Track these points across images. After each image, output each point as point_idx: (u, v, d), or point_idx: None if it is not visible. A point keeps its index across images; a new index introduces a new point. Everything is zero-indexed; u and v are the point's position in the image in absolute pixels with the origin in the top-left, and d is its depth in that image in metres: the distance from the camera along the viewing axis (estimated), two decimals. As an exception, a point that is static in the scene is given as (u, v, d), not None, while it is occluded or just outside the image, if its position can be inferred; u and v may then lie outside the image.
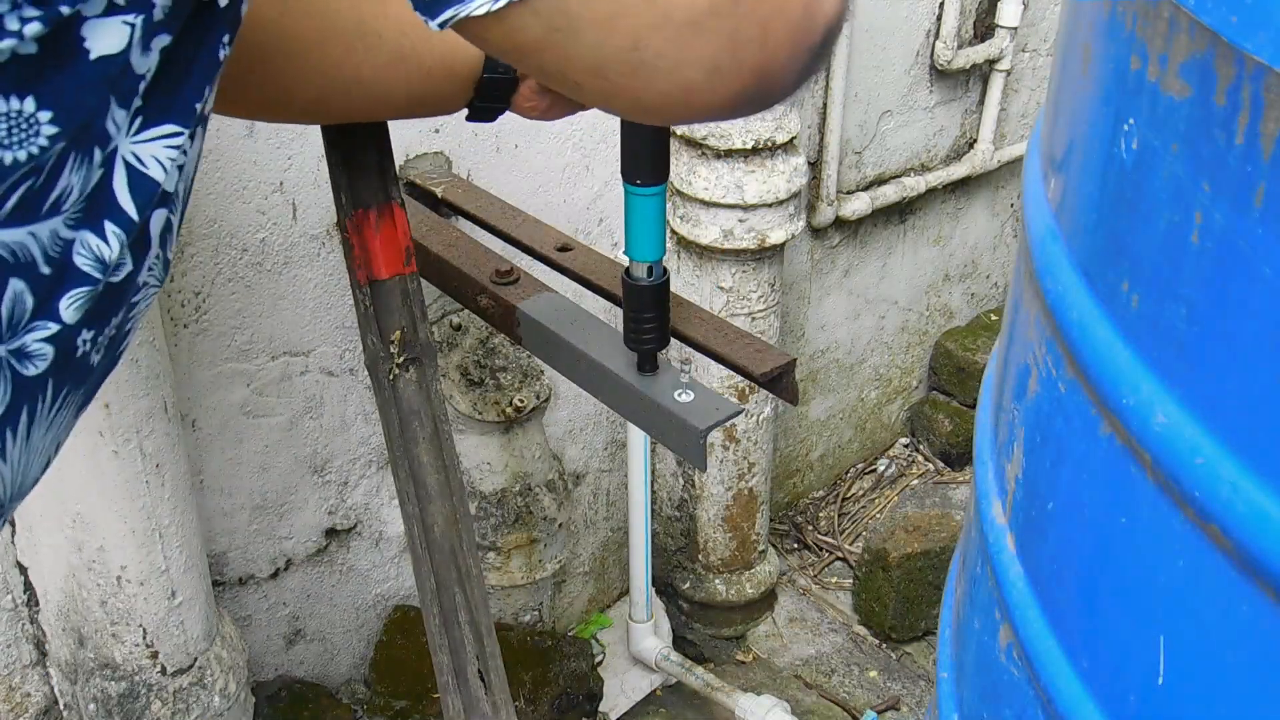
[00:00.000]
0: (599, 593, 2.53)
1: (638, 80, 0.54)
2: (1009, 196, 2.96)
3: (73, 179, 0.52)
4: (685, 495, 2.46)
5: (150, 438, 1.42)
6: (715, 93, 0.55)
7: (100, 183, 0.54)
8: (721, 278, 2.13)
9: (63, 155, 0.51)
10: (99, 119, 0.52)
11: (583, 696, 2.15)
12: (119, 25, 0.50)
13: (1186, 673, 0.74)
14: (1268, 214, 0.60)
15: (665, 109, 0.56)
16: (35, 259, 0.53)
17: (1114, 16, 0.73)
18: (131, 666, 1.55)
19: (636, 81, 0.54)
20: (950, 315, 3.05)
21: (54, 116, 0.49)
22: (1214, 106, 0.62)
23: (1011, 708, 0.97)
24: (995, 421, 1.04)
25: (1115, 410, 0.74)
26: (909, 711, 2.46)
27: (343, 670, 2.10)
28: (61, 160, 0.51)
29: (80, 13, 0.48)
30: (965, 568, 1.14)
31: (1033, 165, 0.95)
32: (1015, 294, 0.99)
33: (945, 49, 2.47)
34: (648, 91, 0.54)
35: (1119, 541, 0.78)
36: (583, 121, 1.95)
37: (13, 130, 0.48)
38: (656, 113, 0.57)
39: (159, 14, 0.52)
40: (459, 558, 1.46)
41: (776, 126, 1.98)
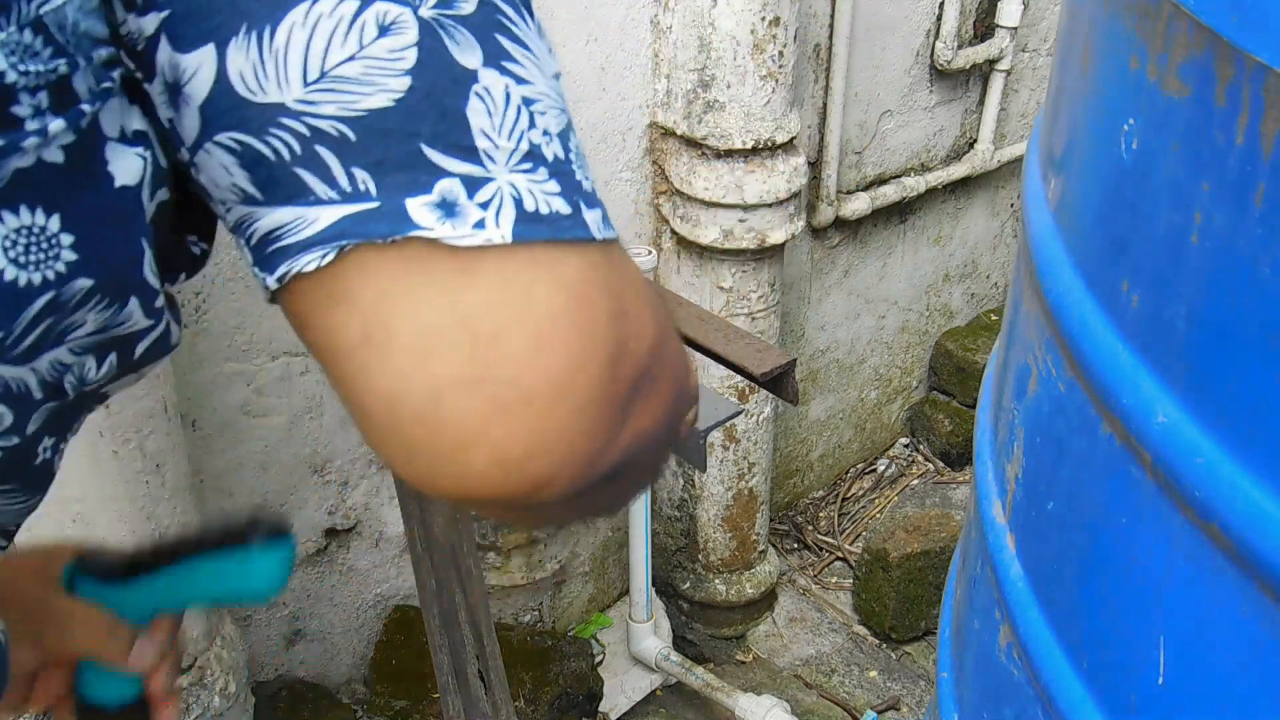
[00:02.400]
0: (599, 593, 2.53)
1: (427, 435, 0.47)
2: (1009, 196, 2.96)
3: (89, 316, 0.50)
4: (685, 495, 2.46)
5: (150, 438, 1.42)
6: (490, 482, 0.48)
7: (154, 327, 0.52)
8: (721, 278, 2.13)
9: (88, 294, 0.49)
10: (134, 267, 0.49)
11: (583, 696, 2.15)
12: (134, 155, 0.48)
13: (1186, 672, 0.74)
14: (1268, 214, 0.60)
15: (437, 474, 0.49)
16: (30, 389, 0.51)
17: (1114, 16, 0.73)
18: (131, 666, 1.55)
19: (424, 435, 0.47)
20: (950, 315, 3.05)
21: (75, 242, 0.47)
22: (1214, 106, 0.62)
23: (1011, 708, 0.97)
24: (995, 421, 1.04)
25: (1115, 410, 0.74)
26: (909, 711, 2.46)
27: (343, 670, 2.10)
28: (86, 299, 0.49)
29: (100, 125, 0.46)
30: (965, 568, 1.14)
31: (1033, 165, 0.95)
32: (1015, 294, 0.99)
33: (945, 49, 2.47)
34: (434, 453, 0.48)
35: (1119, 541, 0.78)
36: (582, 121, 1.95)
37: (30, 249, 0.46)
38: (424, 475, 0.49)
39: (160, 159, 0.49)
40: (459, 558, 1.46)
41: (776, 126, 1.98)
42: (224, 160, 0.46)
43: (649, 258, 1.98)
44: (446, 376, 0.46)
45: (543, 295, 0.47)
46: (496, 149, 0.47)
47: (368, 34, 0.44)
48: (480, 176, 0.46)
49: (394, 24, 0.44)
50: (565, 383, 0.47)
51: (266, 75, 0.44)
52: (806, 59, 2.25)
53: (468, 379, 0.46)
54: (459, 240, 0.46)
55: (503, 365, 0.46)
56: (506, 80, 0.47)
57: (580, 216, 0.48)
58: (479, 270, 0.46)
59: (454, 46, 0.46)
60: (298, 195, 0.46)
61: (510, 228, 0.46)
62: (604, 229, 0.50)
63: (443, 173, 0.46)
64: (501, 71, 0.47)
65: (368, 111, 0.45)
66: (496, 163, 0.47)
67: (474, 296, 0.46)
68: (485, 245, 0.46)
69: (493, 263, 0.46)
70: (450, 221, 0.46)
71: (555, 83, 0.50)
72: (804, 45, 2.22)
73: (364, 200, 0.45)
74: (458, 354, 0.46)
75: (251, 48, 0.44)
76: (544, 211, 0.47)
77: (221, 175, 0.47)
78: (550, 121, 0.49)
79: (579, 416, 0.48)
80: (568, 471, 0.49)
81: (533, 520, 0.56)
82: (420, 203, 0.46)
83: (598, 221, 0.49)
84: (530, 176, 0.47)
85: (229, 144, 0.46)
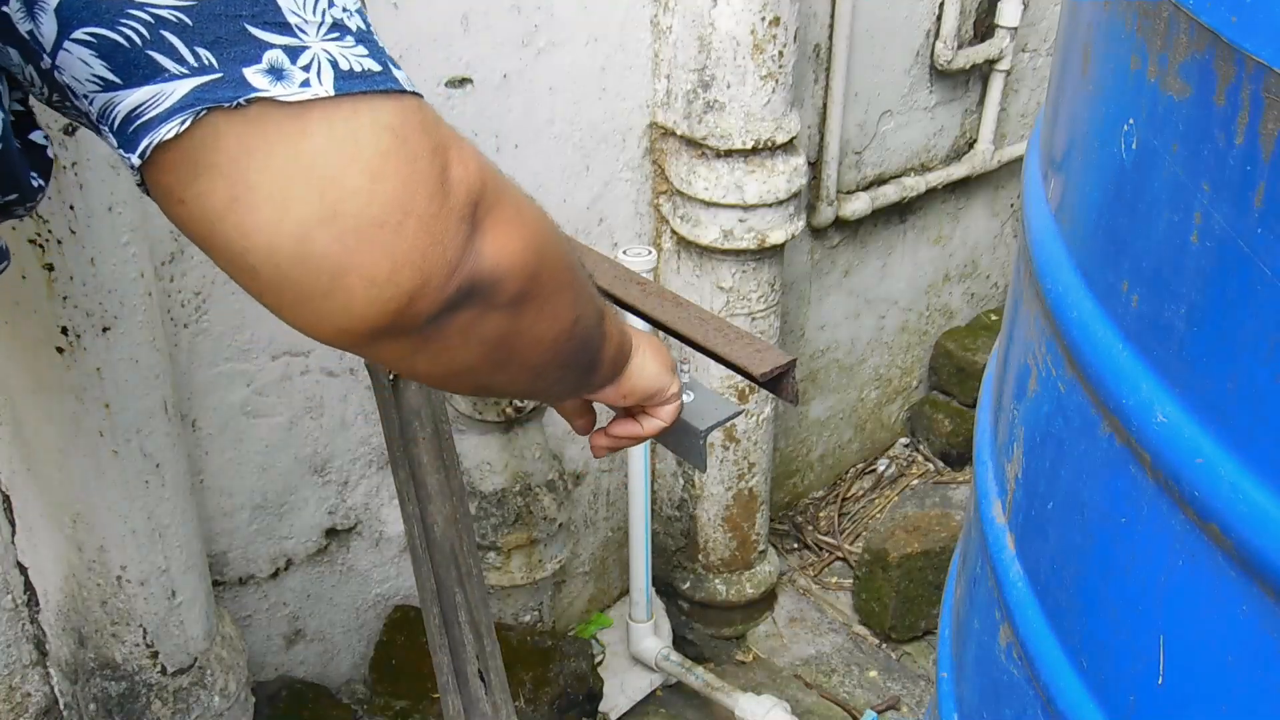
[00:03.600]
0: (599, 593, 2.53)
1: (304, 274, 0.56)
2: (1009, 196, 2.96)
3: None
4: (685, 495, 2.46)
5: (150, 438, 1.42)
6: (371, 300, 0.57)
7: None
8: (721, 278, 2.13)
9: None
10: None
11: (583, 696, 2.15)
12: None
13: (1186, 673, 0.74)
14: (1268, 214, 0.60)
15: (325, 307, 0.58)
16: None
17: (1114, 16, 0.73)
18: (132, 666, 1.55)
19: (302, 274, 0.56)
20: (950, 315, 3.05)
21: None
22: (1214, 106, 0.62)
23: (1011, 708, 0.97)
24: (995, 421, 1.04)
25: (1115, 410, 0.74)
26: (909, 711, 2.46)
27: (343, 670, 2.10)
28: None
29: None
30: (965, 568, 1.14)
31: (1033, 165, 0.95)
32: (1015, 294, 0.99)
33: (945, 49, 2.47)
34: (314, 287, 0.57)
35: (1119, 541, 0.78)
36: (583, 121, 1.95)
37: None
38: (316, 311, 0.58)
39: None
40: (459, 558, 1.46)
41: (776, 126, 1.98)
42: (82, 55, 0.54)
43: (649, 258, 1.98)
44: (307, 218, 0.55)
45: (368, 136, 0.56)
46: (306, 23, 0.56)
47: None
48: (298, 46, 0.56)
49: None
50: (406, 203, 0.57)
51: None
52: (806, 59, 2.25)
53: (324, 216, 0.55)
54: (290, 97, 0.55)
55: (349, 199, 0.56)
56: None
57: (390, 73, 0.58)
58: (310, 120, 0.55)
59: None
60: (153, 74, 0.54)
61: (331, 83, 0.56)
62: (409, 84, 0.59)
63: (267, 45, 0.55)
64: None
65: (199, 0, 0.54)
66: (309, 34, 0.56)
67: (311, 143, 0.55)
68: (313, 99, 0.55)
69: (320, 113, 0.56)
70: (280, 83, 0.55)
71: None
72: (804, 45, 2.22)
73: (209, 72, 0.54)
74: (311, 196, 0.55)
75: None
76: (357, 69, 0.57)
77: (81, 69, 0.55)
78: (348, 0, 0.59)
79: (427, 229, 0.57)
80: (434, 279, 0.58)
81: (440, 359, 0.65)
82: (254, 70, 0.55)
83: (406, 78, 0.59)
84: (340, 44, 0.57)
85: (85, 38, 0.54)
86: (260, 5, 0.55)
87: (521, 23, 1.79)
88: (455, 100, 1.76)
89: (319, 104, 0.56)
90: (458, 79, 1.75)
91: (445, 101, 1.75)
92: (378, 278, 0.57)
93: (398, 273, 0.57)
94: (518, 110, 1.85)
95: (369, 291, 0.57)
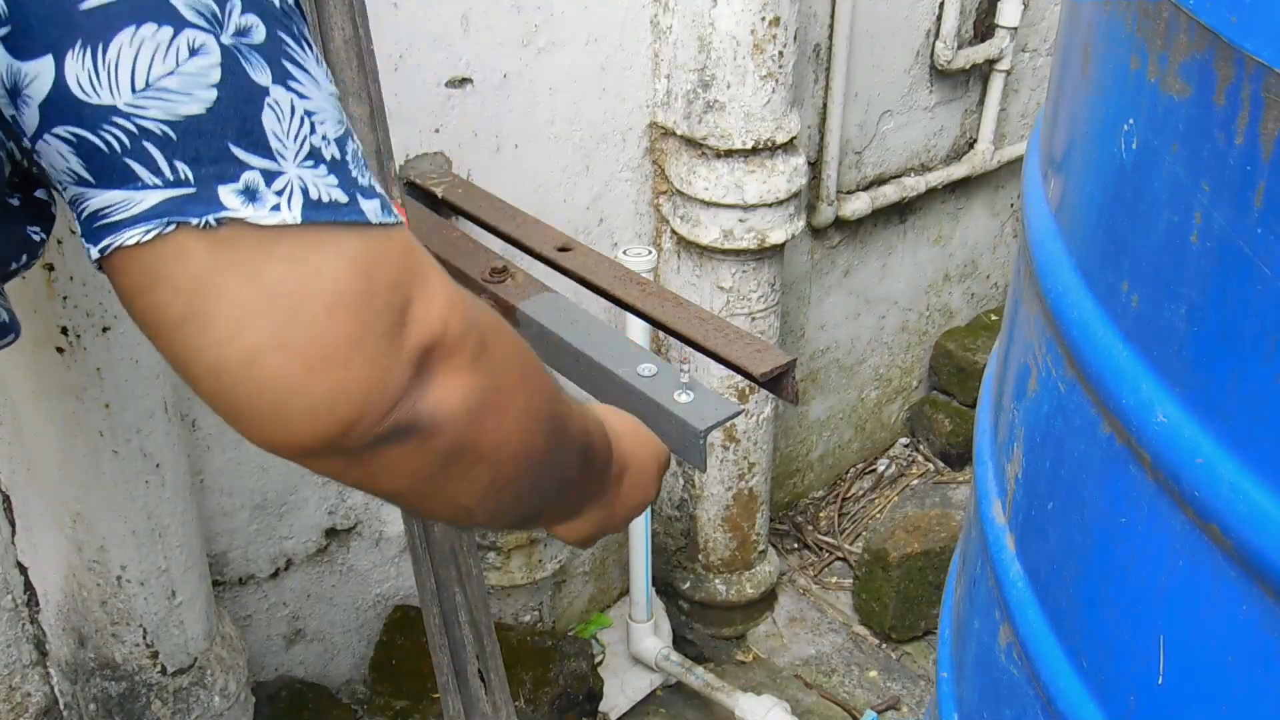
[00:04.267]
0: (599, 593, 2.53)
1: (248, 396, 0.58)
2: (1009, 196, 2.96)
3: None
4: (685, 495, 2.46)
5: (150, 438, 1.42)
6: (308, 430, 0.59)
7: None
8: (721, 278, 2.13)
9: None
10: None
11: (583, 696, 2.15)
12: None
13: (1186, 672, 0.74)
14: (1268, 214, 0.60)
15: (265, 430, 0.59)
16: None
17: (1114, 16, 0.73)
18: (132, 666, 1.55)
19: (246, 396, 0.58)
20: (950, 315, 3.05)
21: None
22: (1214, 106, 0.62)
23: (1011, 708, 0.97)
24: (995, 421, 1.04)
25: (1115, 410, 0.74)
26: (909, 711, 2.46)
27: (343, 670, 2.10)
28: None
29: None
30: (965, 568, 1.14)
31: (1033, 165, 0.95)
32: (1015, 294, 0.99)
33: (945, 49, 2.47)
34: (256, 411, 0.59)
35: (1119, 541, 0.78)
36: (583, 122, 1.95)
37: None
38: (258, 433, 0.60)
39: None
40: (459, 558, 1.46)
41: (776, 126, 1.98)
42: (61, 149, 0.56)
43: (649, 258, 1.97)
44: (259, 344, 0.56)
45: (330, 269, 0.57)
46: (286, 149, 0.57)
47: (181, 55, 0.54)
48: (275, 170, 0.57)
49: (201, 48, 0.55)
50: (357, 339, 0.58)
51: (100, 83, 0.54)
52: (806, 59, 2.25)
53: (275, 344, 0.56)
54: (260, 220, 0.56)
55: (303, 330, 0.57)
56: (291, 96, 0.58)
57: (356, 205, 0.59)
58: (276, 247, 0.56)
59: (249, 67, 0.56)
60: (127, 180, 0.55)
61: (300, 211, 0.57)
62: (381, 215, 0.60)
63: (246, 166, 0.56)
64: (287, 88, 0.58)
65: (185, 116, 0.55)
66: (287, 159, 0.57)
67: (274, 270, 0.56)
68: (280, 225, 0.56)
69: (287, 242, 0.57)
70: (252, 205, 0.56)
71: (332, 99, 0.61)
72: (804, 45, 2.22)
73: (183, 186, 0.55)
74: (265, 323, 0.56)
75: (86, 59, 0.54)
76: (325, 200, 0.58)
77: (58, 160, 0.56)
78: (329, 129, 0.60)
79: (372, 366, 0.59)
80: (369, 414, 0.59)
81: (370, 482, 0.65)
82: (229, 189, 0.56)
83: (375, 209, 0.60)
84: (314, 172, 0.58)
85: (66, 136, 0.55)
86: (246, 126, 0.56)
87: (521, 23, 1.79)
88: (455, 100, 1.76)
89: (287, 231, 0.57)
90: (458, 79, 1.75)
91: (445, 102, 1.75)
92: (317, 407, 0.58)
93: (336, 405, 0.58)
94: (518, 110, 1.85)
95: (306, 418, 0.58)
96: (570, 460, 0.79)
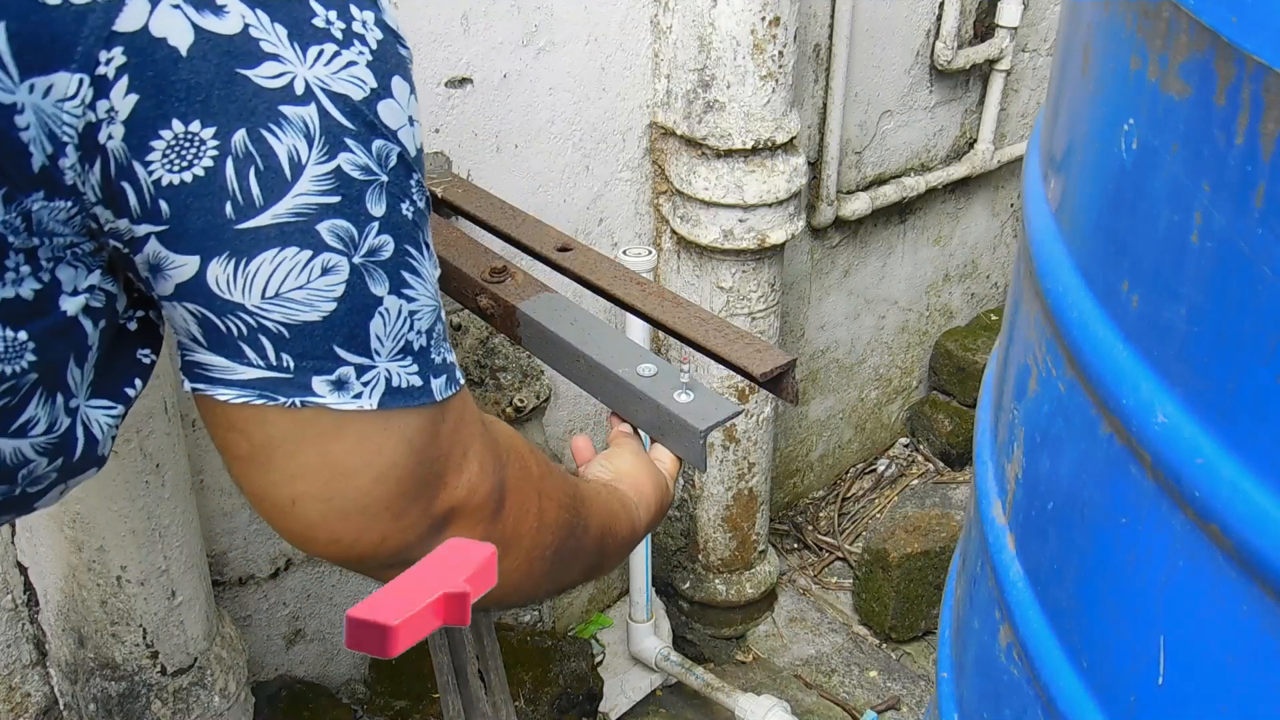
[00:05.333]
0: (599, 593, 2.53)
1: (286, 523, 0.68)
2: (1009, 196, 2.96)
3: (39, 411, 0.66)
4: (685, 495, 2.46)
5: (150, 438, 1.42)
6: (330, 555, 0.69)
7: (68, 430, 0.69)
8: (721, 278, 2.13)
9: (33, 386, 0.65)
10: (62, 369, 0.66)
11: (583, 696, 2.15)
12: (79, 298, 0.65)
13: (1187, 673, 0.74)
14: (1268, 214, 0.60)
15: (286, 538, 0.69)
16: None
17: (1114, 16, 0.73)
18: (131, 666, 1.55)
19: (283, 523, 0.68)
20: (950, 315, 3.05)
21: (35, 347, 0.64)
22: (1214, 106, 0.62)
23: (1011, 708, 0.97)
24: (995, 421, 1.04)
25: (1115, 410, 0.74)
26: (909, 711, 2.46)
27: (343, 670, 2.10)
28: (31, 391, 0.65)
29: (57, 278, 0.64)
30: (965, 568, 1.14)
31: (1033, 165, 0.95)
32: (1015, 294, 0.99)
33: (945, 49, 2.47)
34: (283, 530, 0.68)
35: (1119, 541, 0.78)
36: (582, 121, 1.95)
37: (8, 350, 0.63)
38: (281, 535, 0.69)
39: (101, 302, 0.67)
40: (459, 558, 1.46)
41: (776, 126, 1.98)
42: (185, 316, 0.63)
43: (649, 258, 1.97)
44: (305, 493, 0.65)
45: (390, 448, 0.66)
46: (384, 347, 0.65)
47: (314, 274, 0.61)
48: (368, 365, 0.64)
49: (333, 268, 0.62)
50: (393, 504, 0.67)
51: (236, 286, 0.61)
52: (806, 59, 2.25)
53: (319, 496, 0.65)
54: (339, 406, 0.64)
55: (350, 492, 0.66)
56: (401, 302, 0.65)
57: (428, 387, 0.67)
58: (348, 428, 0.64)
59: (371, 282, 0.63)
60: (235, 356, 0.63)
61: (378, 399, 0.65)
62: (445, 390, 0.69)
63: (344, 362, 0.64)
64: (399, 295, 0.65)
65: (303, 322, 0.62)
66: (381, 356, 0.65)
67: (340, 445, 0.64)
68: (357, 410, 0.64)
69: (358, 424, 0.65)
70: (338, 394, 0.64)
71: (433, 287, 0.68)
72: (804, 45, 2.22)
73: (282, 372, 0.63)
74: (318, 480, 0.65)
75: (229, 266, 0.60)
76: (403, 386, 0.66)
77: (179, 323, 0.64)
78: (423, 323, 0.67)
79: (397, 521, 0.68)
80: (382, 554, 0.69)
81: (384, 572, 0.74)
82: (322, 380, 0.63)
83: (441, 386, 0.68)
84: (400, 363, 0.66)
85: (194, 311, 0.62)
86: (354, 332, 0.63)
87: (521, 23, 1.79)
88: (455, 100, 1.76)
89: (361, 415, 0.64)
90: (458, 79, 1.75)
91: (445, 101, 1.75)
92: (339, 543, 0.68)
93: (357, 544, 0.68)
94: (518, 110, 1.85)
95: (328, 546, 0.68)
96: (586, 561, 0.89)
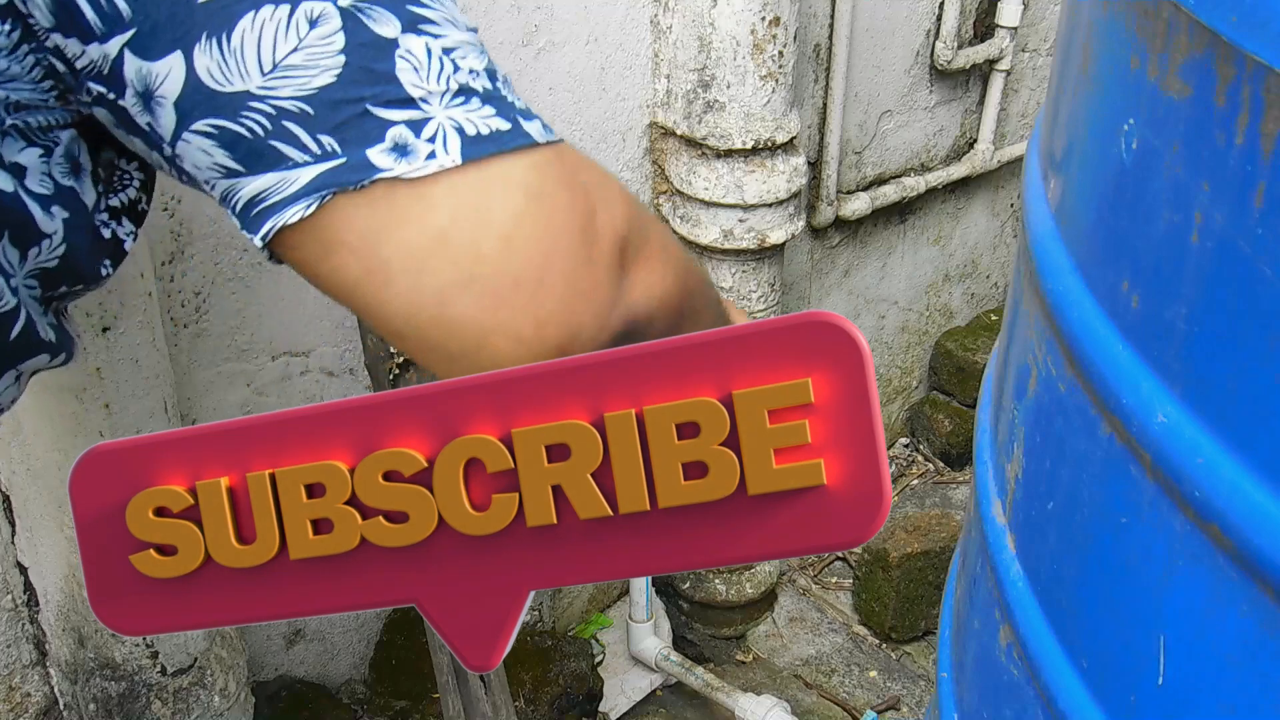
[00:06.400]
0: (599, 593, 2.53)
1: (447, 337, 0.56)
2: (1009, 196, 2.96)
3: None
4: (685, 495, 2.46)
5: (150, 438, 1.42)
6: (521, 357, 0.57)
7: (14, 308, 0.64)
8: (721, 278, 2.13)
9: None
10: None
11: (583, 696, 2.15)
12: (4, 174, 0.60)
13: (1186, 673, 0.74)
14: (1268, 214, 0.60)
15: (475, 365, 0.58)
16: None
17: (1114, 16, 0.73)
18: (131, 666, 1.55)
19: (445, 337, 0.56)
20: (950, 315, 3.05)
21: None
22: (1214, 106, 0.62)
23: (1011, 708, 0.97)
24: (995, 421, 1.04)
25: (1115, 410, 0.74)
26: (909, 711, 2.46)
27: (343, 670, 2.10)
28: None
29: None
30: (965, 568, 1.14)
31: (1033, 165, 0.95)
32: (1015, 294, 0.99)
33: (945, 49, 2.47)
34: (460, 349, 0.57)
35: (1119, 541, 0.78)
36: (582, 122, 1.95)
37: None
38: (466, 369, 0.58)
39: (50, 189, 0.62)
40: (459, 558, 1.46)
41: (776, 126, 1.98)
42: (203, 145, 0.55)
43: (649, 258, 1.98)
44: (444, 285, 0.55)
45: (499, 200, 0.56)
46: (430, 94, 0.56)
47: (302, 29, 0.54)
48: (421, 118, 0.55)
49: (320, 16, 0.54)
50: (546, 261, 0.56)
51: (230, 70, 0.54)
52: (806, 59, 2.25)
53: (461, 281, 0.55)
54: (415, 173, 0.55)
55: (485, 263, 0.55)
56: (425, 39, 0.56)
57: (520, 128, 0.58)
58: (435, 194, 0.55)
59: (372, 23, 0.55)
60: (277, 163, 0.55)
61: (459, 151, 0.56)
62: (545, 133, 0.59)
63: (390, 123, 0.55)
64: (419, 34, 0.56)
65: (318, 89, 0.54)
66: (433, 104, 0.56)
67: (438, 217, 0.55)
68: (438, 171, 0.55)
69: (446, 185, 0.55)
70: (405, 160, 0.55)
71: (472, 34, 0.59)
72: (804, 45, 2.22)
73: (333, 158, 0.55)
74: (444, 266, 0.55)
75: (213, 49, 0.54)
76: (485, 132, 0.57)
77: (202, 158, 0.56)
78: (473, 62, 0.58)
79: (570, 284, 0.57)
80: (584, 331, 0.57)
81: None
82: (378, 150, 0.55)
83: (538, 129, 0.59)
84: (466, 108, 0.57)
85: (207, 129, 0.55)
86: (381, 84, 0.55)
87: (521, 23, 1.79)
88: (455, 100, 1.76)
89: (444, 176, 0.55)
90: (458, 79, 1.75)
91: (445, 101, 1.75)
92: (524, 336, 0.56)
93: (543, 329, 0.56)
94: (518, 110, 1.85)
95: (516, 349, 0.56)
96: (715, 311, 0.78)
